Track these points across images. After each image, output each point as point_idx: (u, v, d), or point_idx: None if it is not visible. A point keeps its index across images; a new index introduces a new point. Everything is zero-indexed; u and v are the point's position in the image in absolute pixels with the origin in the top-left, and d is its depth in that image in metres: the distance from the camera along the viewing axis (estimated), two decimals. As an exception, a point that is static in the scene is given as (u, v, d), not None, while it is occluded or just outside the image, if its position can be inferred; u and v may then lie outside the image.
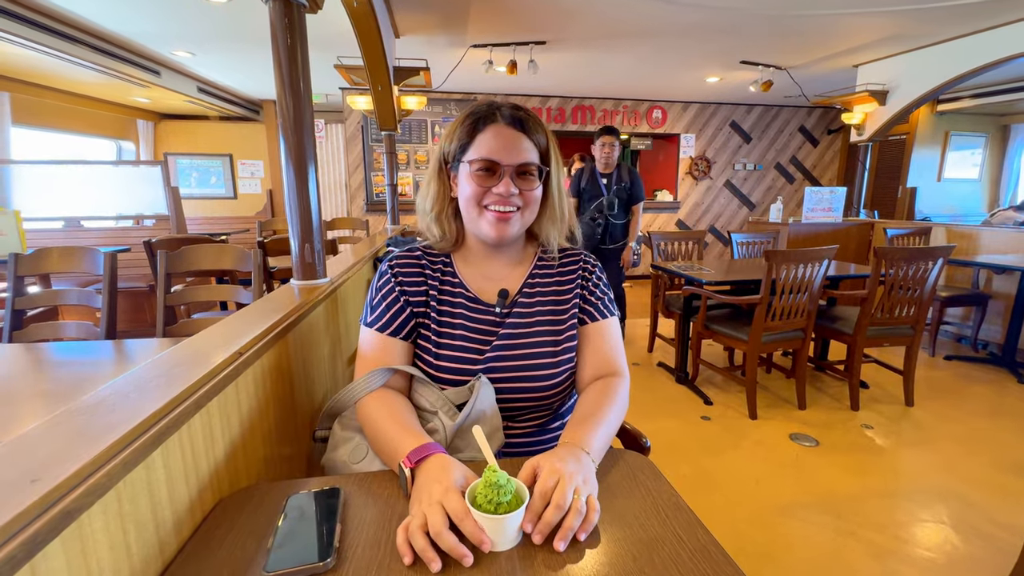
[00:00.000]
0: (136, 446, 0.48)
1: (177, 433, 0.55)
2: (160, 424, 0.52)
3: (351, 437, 0.75)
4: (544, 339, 0.81)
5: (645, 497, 0.61)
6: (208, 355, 0.69)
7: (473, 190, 0.77)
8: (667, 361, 3.07)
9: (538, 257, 0.88)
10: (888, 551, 1.51)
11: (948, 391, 2.71)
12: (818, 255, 2.21)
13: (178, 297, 1.72)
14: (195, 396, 0.59)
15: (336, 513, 0.57)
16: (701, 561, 0.50)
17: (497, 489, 0.53)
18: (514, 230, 0.79)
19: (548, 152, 0.80)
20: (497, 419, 0.76)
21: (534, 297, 0.84)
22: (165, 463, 0.53)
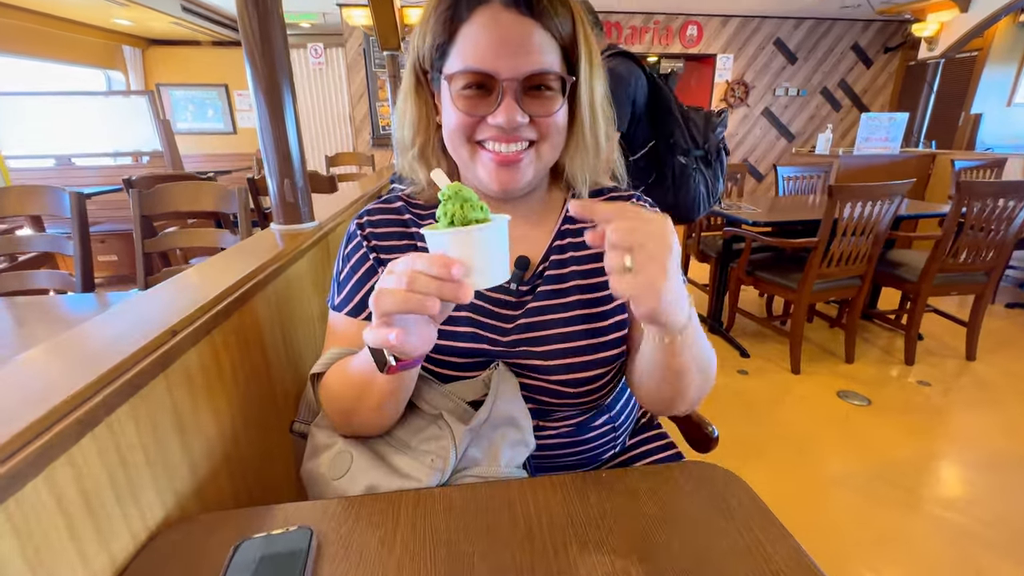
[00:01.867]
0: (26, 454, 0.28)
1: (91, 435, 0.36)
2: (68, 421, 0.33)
3: (332, 443, 0.55)
4: (582, 325, 0.57)
5: (725, 518, 0.41)
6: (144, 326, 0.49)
7: (459, 120, 0.51)
8: (699, 310, 2.84)
9: (567, 208, 0.62)
10: (956, 527, 1.35)
11: (1013, 343, 2.46)
12: (891, 190, 1.90)
13: (157, 243, 1.53)
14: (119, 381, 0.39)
15: (301, 569, 0.39)
16: None
17: (461, 202, 0.39)
18: (526, 177, 0.54)
19: (576, 45, 0.52)
20: (527, 420, 0.56)
21: (566, 267, 0.59)
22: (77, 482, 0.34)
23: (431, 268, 0.37)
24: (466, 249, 0.39)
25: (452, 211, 0.40)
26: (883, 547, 1.30)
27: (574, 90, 0.53)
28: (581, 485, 0.50)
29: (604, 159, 0.59)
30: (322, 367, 0.56)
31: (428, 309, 0.37)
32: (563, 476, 0.51)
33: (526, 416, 0.56)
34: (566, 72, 0.51)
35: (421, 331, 0.41)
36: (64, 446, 0.36)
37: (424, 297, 0.37)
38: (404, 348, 0.40)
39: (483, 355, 0.57)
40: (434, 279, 0.37)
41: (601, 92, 0.56)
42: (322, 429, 0.58)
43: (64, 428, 0.36)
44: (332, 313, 0.60)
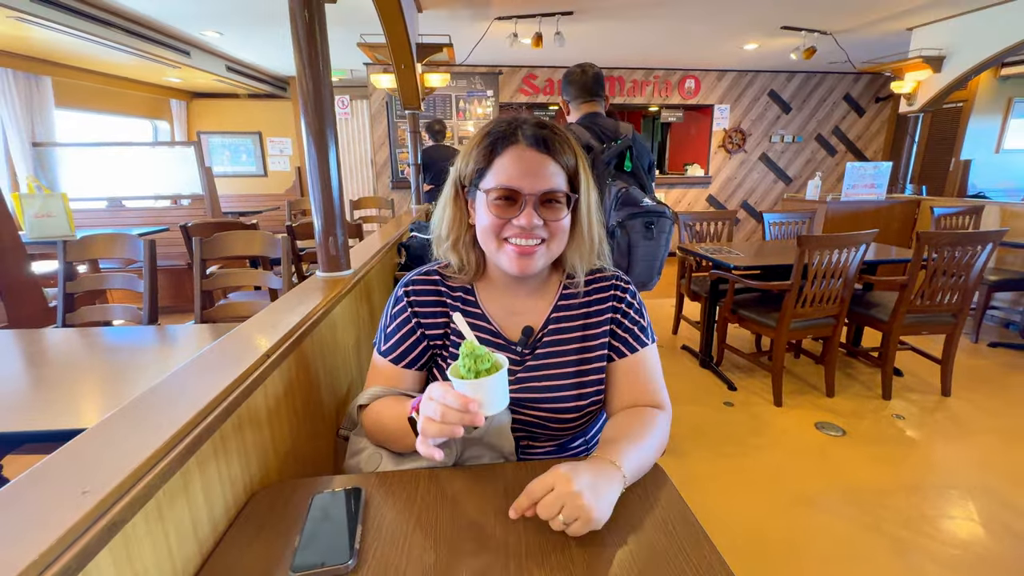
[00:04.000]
0: (173, 456, 0.51)
1: (210, 440, 0.59)
2: (193, 434, 0.56)
3: (367, 447, 0.77)
4: (570, 380, 0.77)
5: (653, 507, 0.62)
6: (234, 361, 0.73)
7: (492, 221, 0.70)
8: (691, 344, 3.04)
9: (563, 286, 0.81)
10: (913, 547, 1.50)
11: (989, 380, 2.60)
12: (855, 240, 2.12)
13: (212, 282, 1.80)
14: (225, 403, 0.63)
15: (358, 514, 0.61)
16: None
17: (475, 358, 0.59)
18: (539, 264, 0.73)
19: (577, 174, 0.73)
20: (510, 443, 0.76)
21: (561, 334, 0.78)
22: (200, 467, 0.57)
23: (456, 405, 0.57)
24: (478, 392, 0.58)
25: (468, 365, 0.59)
26: (844, 561, 1.45)
27: (576, 203, 0.73)
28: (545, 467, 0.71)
29: (596, 250, 0.78)
30: (367, 399, 0.77)
31: (455, 433, 0.58)
32: (536, 463, 0.73)
33: (510, 444, 0.76)
34: (571, 191, 0.72)
35: None
36: (211, 430, 0.60)
37: (453, 426, 0.58)
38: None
39: None
40: (458, 412, 0.57)
41: (595, 203, 0.77)
42: (360, 437, 0.80)
43: (215, 416, 0.60)
44: (378, 356, 0.80)
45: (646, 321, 0.81)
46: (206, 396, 0.61)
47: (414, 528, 0.59)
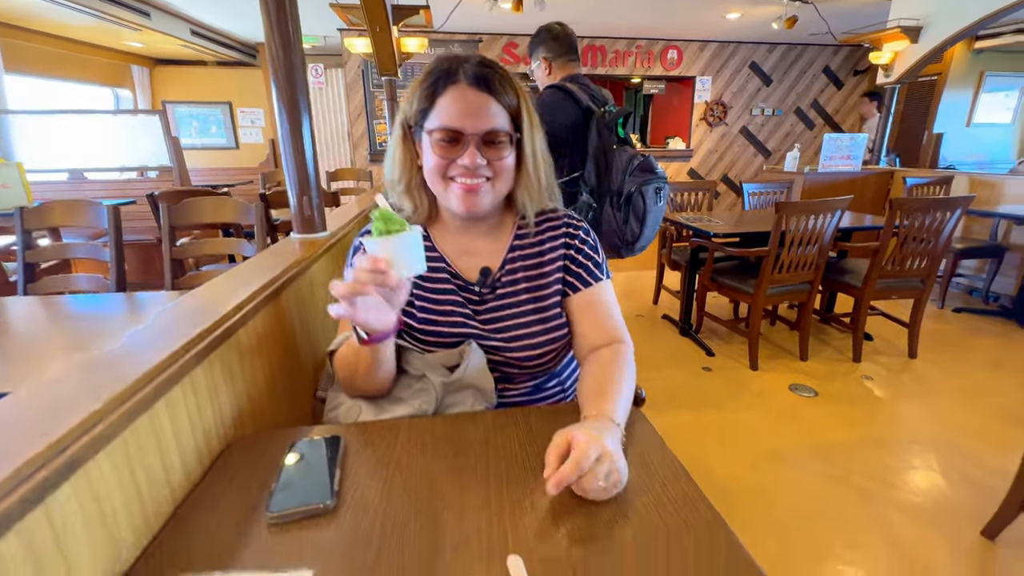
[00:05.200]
0: (138, 398, 0.50)
1: (179, 385, 0.57)
2: (161, 378, 0.54)
3: (345, 400, 0.76)
4: (531, 317, 0.78)
5: (634, 447, 0.63)
6: (207, 311, 0.70)
7: (436, 162, 0.71)
8: (672, 314, 3.08)
9: (517, 226, 0.82)
10: (876, 496, 1.57)
11: (953, 343, 2.71)
12: (830, 206, 2.15)
13: (183, 251, 1.74)
14: (194, 351, 0.60)
15: (336, 459, 0.60)
16: (682, 508, 0.52)
17: (385, 220, 0.59)
18: (485, 203, 0.73)
19: (520, 113, 0.73)
20: (490, 383, 0.76)
21: (516, 273, 0.80)
22: (169, 413, 0.55)
23: (367, 265, 0.58)
24: (387, 251, 0.59)
25: (378, 227, 0.59)
26: (814, 511, 1.51)
27: (520, 143, 0.74)
28: (527, 415, 0.71)
29: (546, 191, 0.80)
30: (335, 345, 0.77)
31: (367, 292, 0.58)
32: (515, 409, 0.73)
33: (490, 383, 0.77)
34: (513, 130, 0.73)
35: (378, 313, 0.62)
36: (180, 375, 0.58)
37: (363, 285, 0.57)
38: (360, 322, 0.62)
39: (462, 336, 0.78)
40: (368, 272, 0.58)
41: (541, 144, 0.78)
42: (338, 393, 0.79)
43: (184, 363, 0.58)
44: None
45: (600, 257, 0.82)
46: (175, 342, 0.59)
47: (395, 471, 0.59)
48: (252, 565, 0.46)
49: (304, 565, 0.46)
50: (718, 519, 0.51)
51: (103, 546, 0.45)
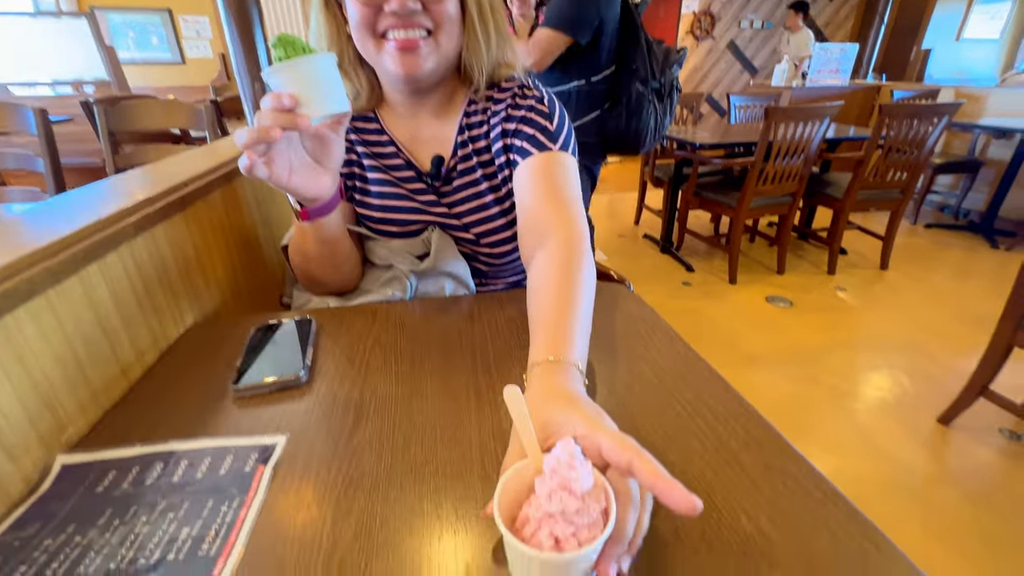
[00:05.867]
0: (62, 258, 0.42)
1: (116, 252, 0.50)
2: (92, 240, 0.46)
3: (311, 299, 0.69)
4: (489, 200, 0.68)
5: (627, 321, 0.60)
6: (150, 182, 0.62)
7: (360, 12, 0.56)
8: (653, 233, 3.05)
9: (468, 102, 0.68)
10: (844, 393, 1.65)
11: (923, 256, 2.78)
12: (821, 112, 2.07)
13: (128, 159, 1.57)
14: (134, 218, 0.53)
15: (309, 338, 0.55)
16: (682, 368, 0.50)
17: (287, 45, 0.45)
18: (428, 65, 0.58)
19: None
20: (465, 268, 0.70)
21: (470, 159, 0.68)
22: (107, 282, 0.48)
23: (270, 103, 0.44)
24: (291, 82, 0.45)
25: (279, 56, 0.46)
26: (787, 408, 1.58)
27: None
28: (514, 296, 0.67)
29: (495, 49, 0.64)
30: (287, 239, 0.67)
31: (272, 138, 0.44)
32: (500, 292, 0.68)
33: (465, 269, 0.70)
34: None
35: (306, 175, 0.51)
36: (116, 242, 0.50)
37: (268, 128, 0.43)
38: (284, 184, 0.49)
39: (420, 223, 0.69)
40: (271, 111, 0.44)
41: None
42: (302, 292, 0.71)
43: (120, 229, 0.50)
44: None
45: (555, 126, 0.65)
46: (110, 206, 0.51)
47: (373, 347, 0.55)
48: (218, 434, 0.42)
49: (278, 432, 0.42)
50: (717, 376, 0.49)
51: (43, 420, 0.40)
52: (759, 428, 0.42)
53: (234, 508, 0.35)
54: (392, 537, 0.32)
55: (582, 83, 1.47)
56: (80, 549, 0.31)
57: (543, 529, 0.27)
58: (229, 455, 0.39)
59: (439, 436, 0.41)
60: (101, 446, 0.41)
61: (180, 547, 0.32)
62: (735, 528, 0.32)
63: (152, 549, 0.32)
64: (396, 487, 0.36)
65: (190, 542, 0.32)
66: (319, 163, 0.53)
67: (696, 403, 0.45)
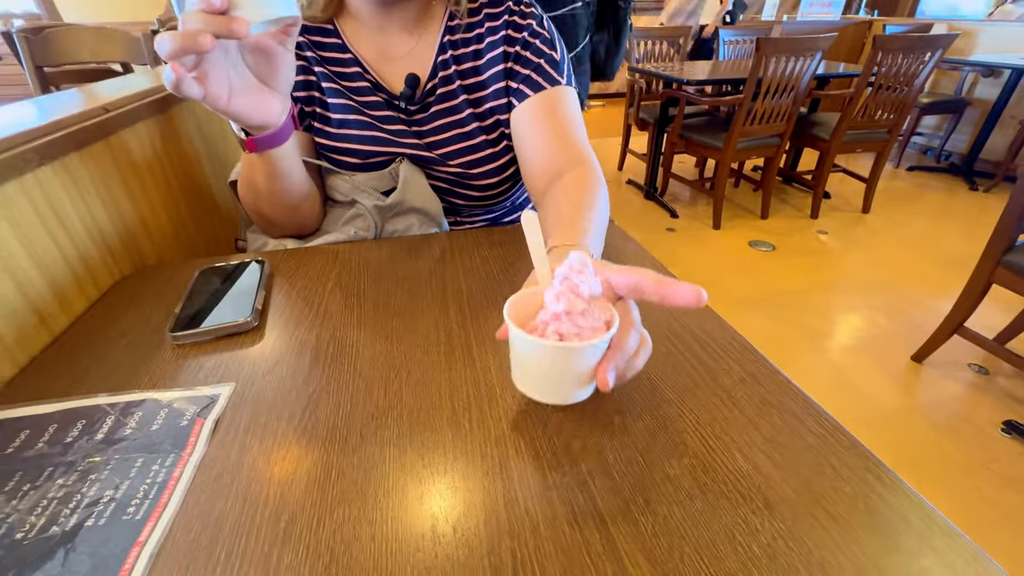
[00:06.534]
0: None
1: (17, 182, 0.42)
2: None
3: (267, 240, 0.62)
4: (473, 124, 0.61)
5: (615, 256, 0.55)
6: (61, 108, 0.53)
7: None
8: (637, 178, 2.98)
9: (448, 15, 0.61)
10: (822, 333, 1.67)
11: (904, 198, 2.78)
12: (814, 44, 1.98)
13: (62, 98, 1.42)
14: (40, 141, 0.45)
15: (259, 281, 0.49)
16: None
17: None
18: None
19: None
20: (436, 203, 0.63)
21: (452, 82, 0.60)
22: (8, 217, 0.41)
23: (196, 2, 0.36)
24: None
25: None
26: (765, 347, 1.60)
27: None
28: (488, 232, 0.61)
29: None
30: (235, 175, 0.60)
31: (201, 46, 0.35)
32: (476, 230, 0.63)
33: (436, 204, 0.63)
34: None
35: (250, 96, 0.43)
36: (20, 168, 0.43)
37: (196, 33, 0.35)
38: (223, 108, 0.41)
39: (386, 154, 0.61)
40: (199, 14, 0.36)
41: None
42: (257, 235, 0.63)
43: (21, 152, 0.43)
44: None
45: (559, 55, 0.61)
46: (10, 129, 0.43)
47: (333, 291, 0.49)
48: (152, 387, 0.37)
49: (222, 381, 0.37)
50: (710, 310, 0.45)
51: (-65, 372, 0.34)
52: (754, 363, 0.38)
53: (167, 467, 0.30)
54: (349, 490, 0.29)
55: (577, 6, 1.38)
56: (-21, 518, 0.27)
57: (549, 328, 0.30)
58: (164, 409, 0.35)
59: (405, 380, 0.37)
60: (14, 403, 0.35)
61: (102, 511, 0.28)
62: (730, 467, 0.30)
63: (68, 515, 0.27)
64: (356, 436, 0.32)
65: (113, 505, 0.28)
66: (265, 83, 0.45)
67: (686, 336, 0.42)
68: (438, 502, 0.28)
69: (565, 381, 0.31)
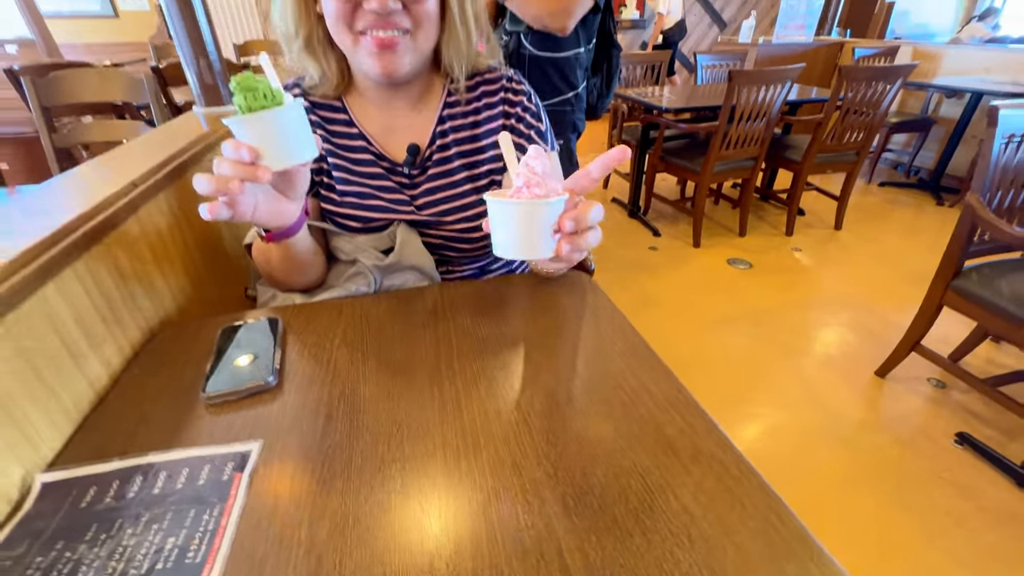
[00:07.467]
0: (15, 281, 0.42)
1: (71, 268, 0.50)
2: (46, 257, 0.46)
3: (276, 294, 0.70)
4: (467, 186, 0.69)
5: (584, 308, 0.63)
6: (95, 187, 0.60)
7: (337, 8, 0.55)
8: (621, 196, 3.08)
9: (447, 92, 0.69)
10: (795, 349, 1.77)
11: (874, 214, 2.92)
12: (783, 75, 2.10)
13: (67, 138, 1.48)
14: (86, 228, 0.52)
15: (275, 339, 0.57)
16: (629, 357, 0.54)
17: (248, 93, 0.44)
18: (405, 62, 0.59)
19: None
20: (429, 259, 0.71)
21: (449, 149, 0.69)
22: (65, 298, 0.48)
23: (231, 154, 0.44)
24: (254, 134, 0.44)
25: (240, 102, 0.44)
26: (743, 365, 1.69)
27: None
28: (477, 286, 0.69)
29: (475, 45, 0.65)
30: (250, 238, 0.68)
31: (232, 191, 0.43)
32: (463, 282, 0.71)
33: (430, 262, 0.71)
34: None
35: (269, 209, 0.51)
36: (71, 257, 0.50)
37: (227, 179, 0.43)
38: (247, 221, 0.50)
39: (385, 220, 0.70)
40: (231, 163, 0.44)
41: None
42: (266, 287, 0.71)
43: (73, 242, 0.50)
44: None
45: (544, 126, 0.71)
46: (59, 218, 0.50)
47: (339, 347, 0.57)
48: (193, 444, 0.44)
49: (251, 438, 0.45)
50: (660, 364, 0.53)
51: (17, 442, 0.41)
52: (694, 415, 0.47)
53: (215, 516, 0.38)
54: (364, 534, 0.36)
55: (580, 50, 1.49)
56: (72, 564, 0.34)
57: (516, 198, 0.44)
58: (206, 464, 0.42)
59: (404, 435, 0.45)
60: (78, 462, 0.42)
61: (167, 556, 0.35)
62: (665, 508, 0.38)
63: (141, 560, 0.35)
64: (366, 486, 0.40)
65: (176, 551, 0.35)
66: (284, 195, 0.53)
67: (640, 391, 0.49)
68: (434, 543, 0.35)
69: (532, 235, 0.45)
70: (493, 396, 0.49)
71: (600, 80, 1.59)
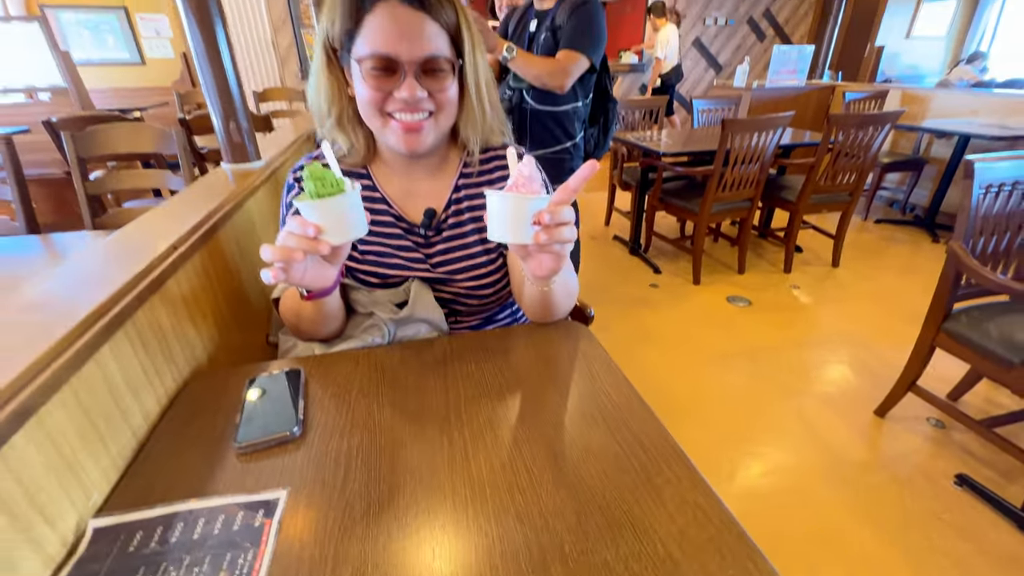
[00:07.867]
0: (80, 345, 0.48)
1: (122, 329, 0.56)
2: (103, 321, 0.52)
3: (298, 343, 0.76)
4: (479, 247, 0.77)
5: (580, 360, 0.68)
6: (139, 252, 0.67)
7: (371, 96, 0.63)
8: (623, 234, 3.17)
9: (463, 163, 0.77)
10: (793, 388, 1.80)
11: (871, 252, 2.97)
12: (773, 123, 2.20)
13: (99, 185, 1.58)
14: (135, 292, 0.58)
15: (299, 389, 0.62)
16: (623, 410, 0.59)
17: (318, 180, 0.53)
18: (428, 141, 0.68)
19: (460, 33, 0.65)
20: (439, 312, 0.77)
21: (463, 214, 0.77)
22: (116, 357, 0.54)
23: (297, 229, 0.53)
24: (321, 216, 0.54)
25: (311, 188, 0.53)
26: (740, 404, 1.72)
27: (462, 69, 0.67)
28: (481, 337, 0.75)
29: (489, 122, 0.73)
30: (278, 293, 0.75)
31: (295, 259, 0.52)
32: (469, 333, 0.76)
33: (440, 315, 0.78)
34: (454, 56, 0.65)
35: (316, 274, 0.59)
36: (123, 318, 0.56)
37: (292, 250, 0.52)
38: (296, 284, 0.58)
39: (402, 277, 0.77)
40: (297, 236, 0.53)
41: (484, 69, 0.71)
42: (288, 336, 0.78)
43: (126, 305, 0.56)
44: None
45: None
46: (112, 285, 0.57)
47: (357, 398, 0.62)
48: (227, 491, 0.49)
49: (279, 486, 0.49)
50: (652, 417, 0.58)
51: (73, 489, 0.46)
52: (682, 467, 0.51)
53: (249, 560, 0.42)
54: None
55: (578, 104, 1.60)
56: (125, 604, 0.39)
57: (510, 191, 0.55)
58: (240, 511, 0.47)
59: (418, 483, 0.49)
60: (125, 508, 0.47)
61: (208, 597, 0.39)
62: (651, 555, 0.42)
63: (185, 600, 0.39)
64: (384, 533, 0.44)
65: (216, 592, 0.40)
66: (329, 262, 0.60)
67: (632, 442, 0.54)
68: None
69: (517, 223, 0.54)
70: (498, 447, 0.53)
71: (597, 130, 1.71)
